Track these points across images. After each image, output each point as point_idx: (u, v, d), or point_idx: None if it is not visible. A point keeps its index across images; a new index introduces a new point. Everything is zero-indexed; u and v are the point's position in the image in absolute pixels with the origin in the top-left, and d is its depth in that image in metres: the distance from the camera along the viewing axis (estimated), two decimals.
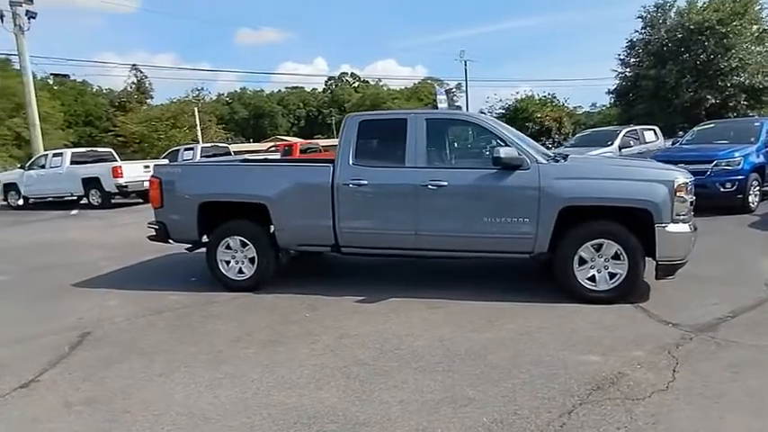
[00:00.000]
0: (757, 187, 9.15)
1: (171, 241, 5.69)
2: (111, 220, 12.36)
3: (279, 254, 5.36)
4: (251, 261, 5.32)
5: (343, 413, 2.94)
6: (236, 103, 78.12)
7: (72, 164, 15.51)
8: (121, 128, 36.80)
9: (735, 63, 27.53)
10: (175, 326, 4.50)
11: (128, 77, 51.72)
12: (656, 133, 13.85)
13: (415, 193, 4.86)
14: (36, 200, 16.21)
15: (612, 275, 4.54)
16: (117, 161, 15.91)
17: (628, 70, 32.86)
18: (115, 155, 17.21)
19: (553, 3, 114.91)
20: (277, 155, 21.86)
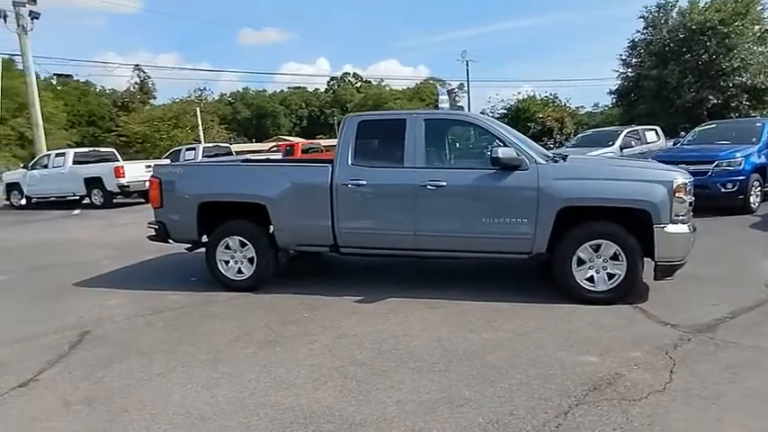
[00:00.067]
0: (758, 188, 9.13)
1: (171, 241, 5.71)
2: (113, 219, 12.40)
3: (278, 254, 5.37)
4: (250, 261, 5.33)
5: (340, 413, 2.95)
6: (239, 103, 78.28)
7: (74, 164, 15.57)
8: (124, 128, 36.94)
9: (737, 63, 27.49)
10: (174, 325, 4.52)
11: (131, 77, 51.96)
12: (657, 133, 13.81)
13: (413, 194, 4.86)
14: (39, 199, 16.28)
15: (611, 276, 4.54)
16: (119, 161, 15.96)
17: (629, 70, 32.82)
18: (117, 155, 17.27)
19: (555, 3, 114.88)
20: (279, 155, 21.89)
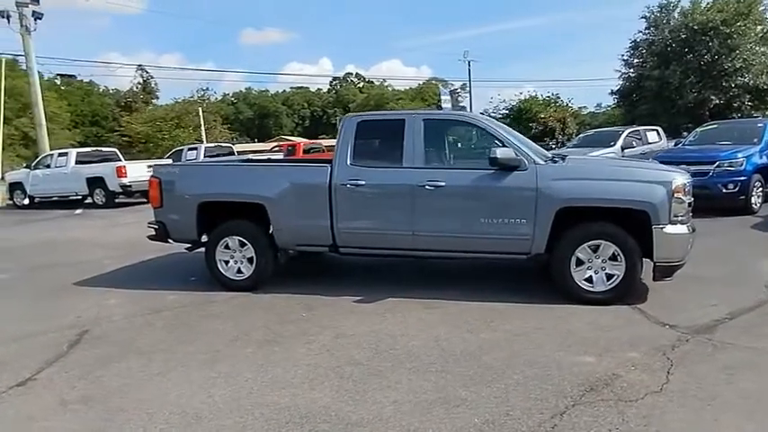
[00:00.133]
0: (760, 188, 9.09)
1: (170, 241, 5.73)
2: (115, 219, 12.43)
3: (277, 254, 5.38)
4: (249, 261, 5.34)
5: (336, 413, 2.95)
6: (241, 103, 78.30)
7: (77, 163, 15.63)
8: (127, 128, 37.02)
9: (739, 64, 27.45)
10: (173, 325, 4.53)
11: (134, 78, 52.04)
12: (659, 134, 13.78)
13: (412, 194, 4.86)
14: (41, 199, 16.33)
15: (610, 276, 4.53)
16: (121, 161, 16.01)
17: (631, 71, 32.79)
18: (120, 155, 17.33)
19: (557, 2, 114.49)
20: (280, 155, 21.92)
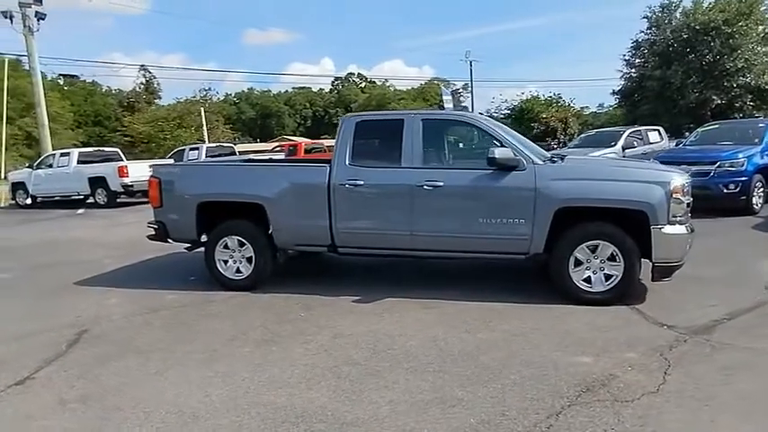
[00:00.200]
0: (761, 189, 9.07)
1: (170, 241, 5.74)
2: (116, 219, 12.47)
3: (276, 254, 5.39)
4: (248, 261, 5.35)
5: (332, 413, 2.95)
6: (244, 103, 78.45)
7: (79, 163, 15.69)
8: (129, 128, 37.15)
9: (741, 64, 27.39)
10: (172, 324, 4.54)
11: (137, 78, 52.21)
12: (660, 134, 13.76)
13: (410, 194, 4.87)
14: (44, 199, 16.38)
15: (608, 277, 4.52)
16: (123, 161, 16.05)
17: (633, 71, 32.73)
18: (121, 155, 17.38)
19: (558, 2, 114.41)
20: (282, 155, 21.94)
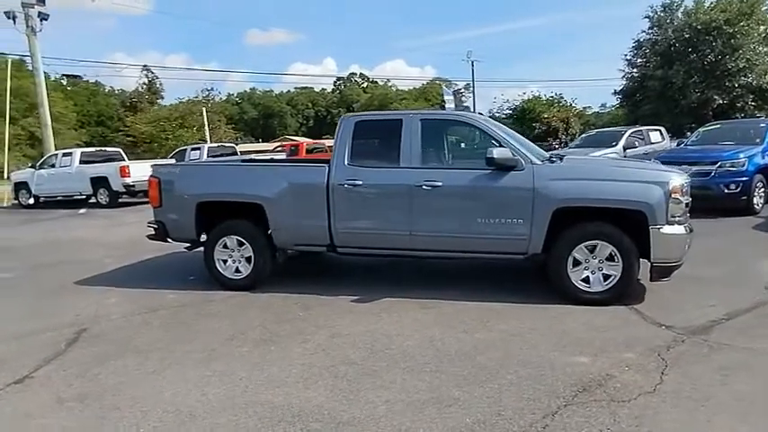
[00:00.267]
0: (762, 189, 9.05)
1: (170, 240, 5.75)
2: (118, 218, 12.51)
3: (275, 253, 5.40)
4: (248, 260, 5.36)
5: (329, 412, 2.96)
6: (246, 104, 78.63)
7: (81, 163, 15.73)
8: (131, 128, 37.24)
9: (742, 64, 27.36)
10: (171, 324, 4.55)
11: (139, 78, 52.36)
12: (661, 134, 13.73)
13: (409, 194, 4.87)
14: (46, 199, 16.42)
15: (607, 277, 4.52)
16: (125, 161, 16.09)
17: (634, 71, 32.69)
18: (123, 155, 17.42)
19: (560, 2, 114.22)
20: (283, 155, 21.97)
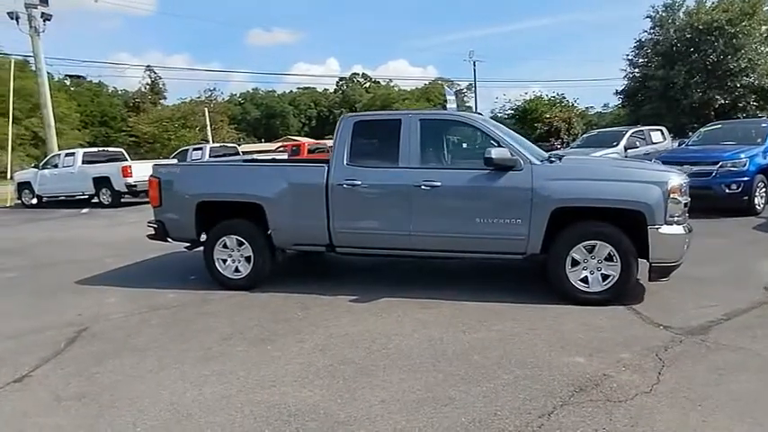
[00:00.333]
0: (763, 189, 9.02)
1: (170, 240, 5.77)
2: (120, 218, 12.55)
3: (275, 253, 5.41)
4: (247, 260, 5.37)
5: (325, 411, 2.97)
6: (249, 104, 78.78)
7: (84, 163, 15.77)
8: (133, 128, 37.37)
9: (744, 64, 27.31)
10: (170, 323, 4.56)
11: (142, 78, 52.57)
12: (663, 134, 13.70)
13: (408, 194, 4.87)
14: (49, 198, 16.49)
15: (605, 277, 4.51)
16: (127, 161, 16.14)
17: (636, 71, 32.63)
18: (126, 155, 17.47)
19: (563, 2, 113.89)
20: (285, 155, 22.01)
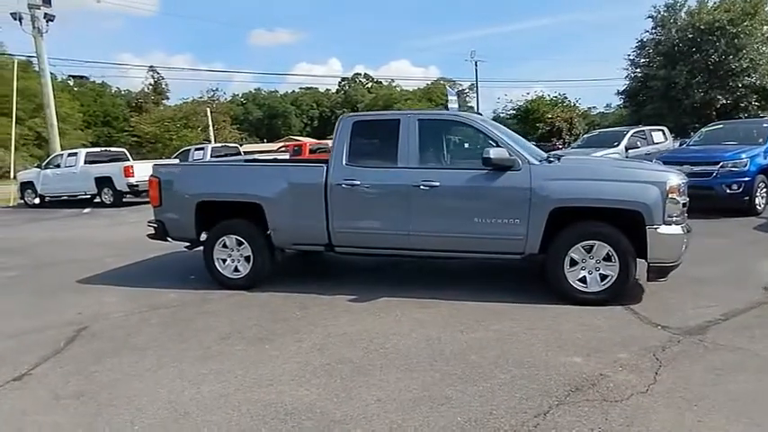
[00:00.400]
0: (764, 189, 8.99)
1: (170, 239, 5.79)
2: (121, 218, 12.60)
3: (274, 253, 5.42)
4: (246, 260, 5.38)
5: (321, 410, 2.98)
6: (251, 104, 78.91)
7: (86, 163, 15.84)
8: (136, 128, 37.47)
9: (746, 63, 27.27)
10: (169, 322, 4.58)
11: (145, 78, 52.72)
12: (664, 134, 13.67)
13: (407, 194, 4.88)
14: (51, 198, 16.57)
15: (604, 277, 4.51)
16: (129, 161, 16.20)
17: (638, 71, 32.59)
18: (128, 155, 17.53)
19: (566, 3, 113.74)
20: (286, 155, 22.05)
